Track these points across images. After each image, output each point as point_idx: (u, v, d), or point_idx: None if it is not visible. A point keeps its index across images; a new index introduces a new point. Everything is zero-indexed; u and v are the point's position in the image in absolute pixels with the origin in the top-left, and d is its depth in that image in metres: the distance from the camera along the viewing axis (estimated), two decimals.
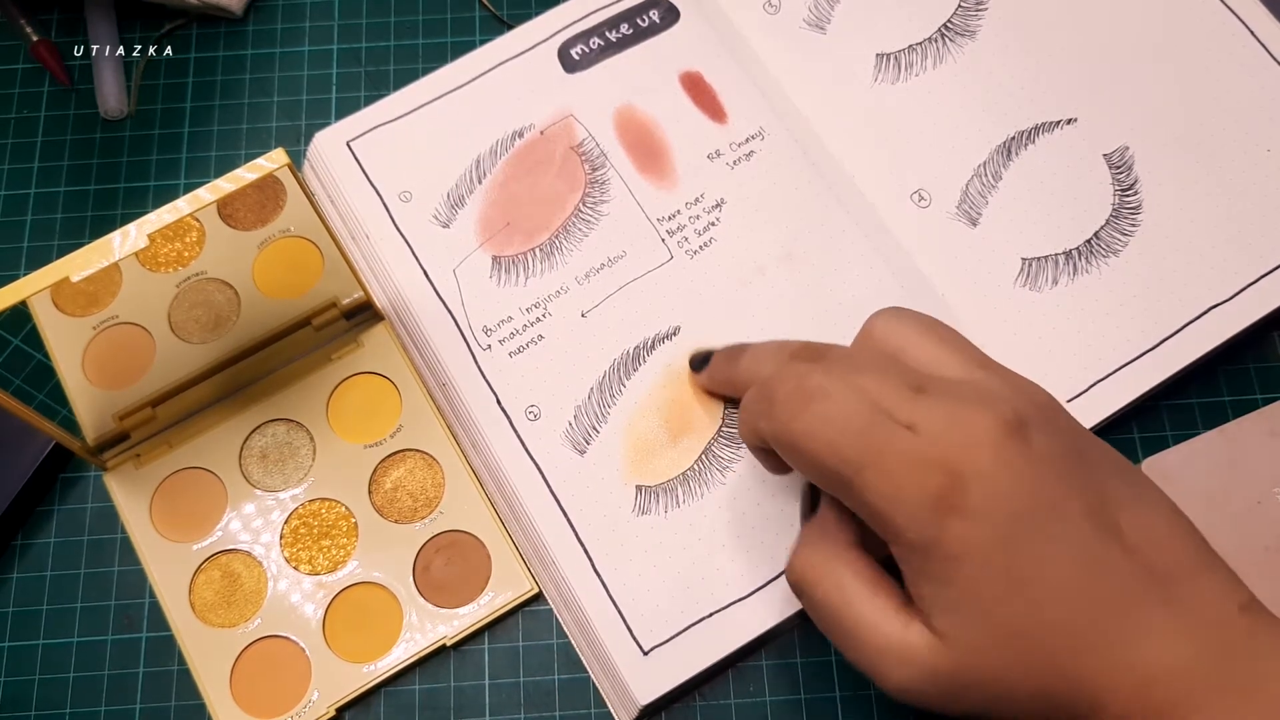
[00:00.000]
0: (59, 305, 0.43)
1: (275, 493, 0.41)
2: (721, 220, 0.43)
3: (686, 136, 0.44)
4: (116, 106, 0.47)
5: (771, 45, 0.45)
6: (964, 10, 0.46)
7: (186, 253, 0.44)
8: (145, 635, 0.40)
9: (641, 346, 0.41)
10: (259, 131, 0.47)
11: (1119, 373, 0.41)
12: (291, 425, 0.42)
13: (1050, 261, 0.42)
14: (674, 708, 0.39)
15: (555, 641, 0.40)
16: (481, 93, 0.45)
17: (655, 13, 0.46)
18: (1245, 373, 0.43)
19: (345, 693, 0.39)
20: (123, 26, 0.48)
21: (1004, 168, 0.43)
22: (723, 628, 0.38)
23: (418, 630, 0.39)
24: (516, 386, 0.41)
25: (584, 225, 0.43)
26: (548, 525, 0.39)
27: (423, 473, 0.41)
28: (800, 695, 0.39)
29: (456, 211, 0.43)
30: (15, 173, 0.46)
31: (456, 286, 0.42)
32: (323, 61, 0.48)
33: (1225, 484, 0.39)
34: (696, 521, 0.39)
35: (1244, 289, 0.41)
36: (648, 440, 0.40)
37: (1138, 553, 0.29)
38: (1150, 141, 0.43)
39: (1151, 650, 0.28)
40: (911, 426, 0.29)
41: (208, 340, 0.42)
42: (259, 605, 0.40)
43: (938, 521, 0.28)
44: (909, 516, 0.28)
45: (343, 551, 0.40)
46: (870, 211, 0.43)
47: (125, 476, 0.41)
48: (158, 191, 0.46)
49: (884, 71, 0.45)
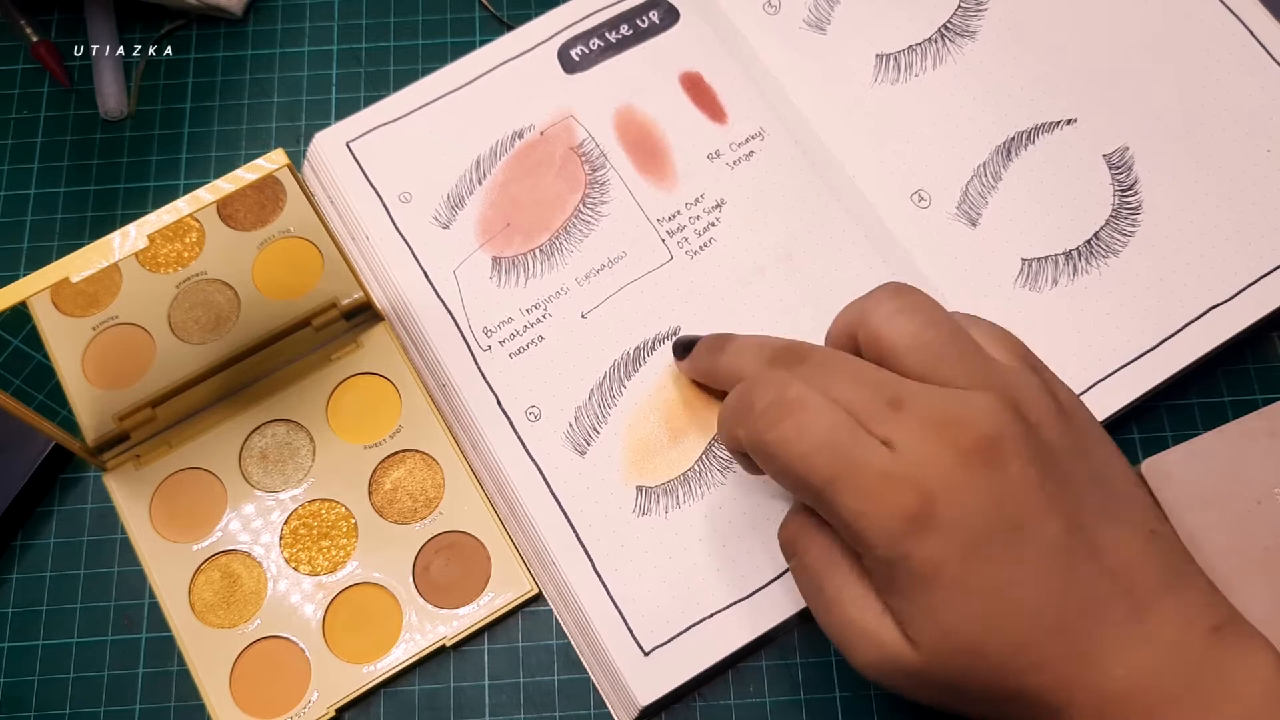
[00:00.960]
0: (59, 306, 0.43)
1: (275, 493, 0.41)
2: (721, 220, 0.43)
3: (686, 137, 0.44)
4: (116, 107, 0.47)
5: (771, 45, 0.45)
6: (964, 10, 0.46)
7: (186, 253, 0.44)
8: (145, 636, 0.40)
9: (642, 347, 0.41)
10: (259, 132, 0.47)
11: (1119, 373, 0.40)
12: (291, 426, 0.42)
13: (1050, 262, 0.42)
14: (674, 708, 0.39)
15: (555, 642, 0.40)
16: (481, 93, 0.45)
17: (655, 13, 0.46)
18: (1245, 373, 0.43)
19: (345, 693, 0.39)
20: (123, 27, 0.48)
21: (1004, 168, 0.43)
22: (723, 628, 0.38)
23: (417, 631, 0.39)
24: (517, 387, 0.41)
25: (584, 226, 0.43)
26: (548, 526, 0.39)
27: (422, 473, 0.41)
28: (800, 695, 0.39)
29: (456, 212, 0.43)
30: (15, 173, 0.46)
31: (457, 287, 0.42)
32: (322, 62, 0.48)
33: (1225, 484, 0.39)
34: (697, 522, 0.39)
35: (1244, 289, 0.41)
36: (648, 441, 0.40)
37: (1110, 573, 0.29)
38: (1150, 141, 0.43)
39: (1113, 670, 0.28)
40: (888, 442, 0.29)
41: (207, 341, 0.42)
42: (259, 606, 0.40)
43: (908, 540, 0.28)
44: (880, 533, 0.28)
45: (342, 552, 0.40)
46: (870, 211, 0.43)
47: (125, 477, 0.41)
48: (157, 192, 0.46)
49: (884, 72, 0.45)
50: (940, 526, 0.28)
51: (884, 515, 0.28)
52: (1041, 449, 0.29)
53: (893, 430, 0.29)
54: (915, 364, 0.31)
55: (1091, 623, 0.28)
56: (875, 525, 0.28)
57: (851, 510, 0.29)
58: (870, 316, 0.32)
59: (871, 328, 0.31)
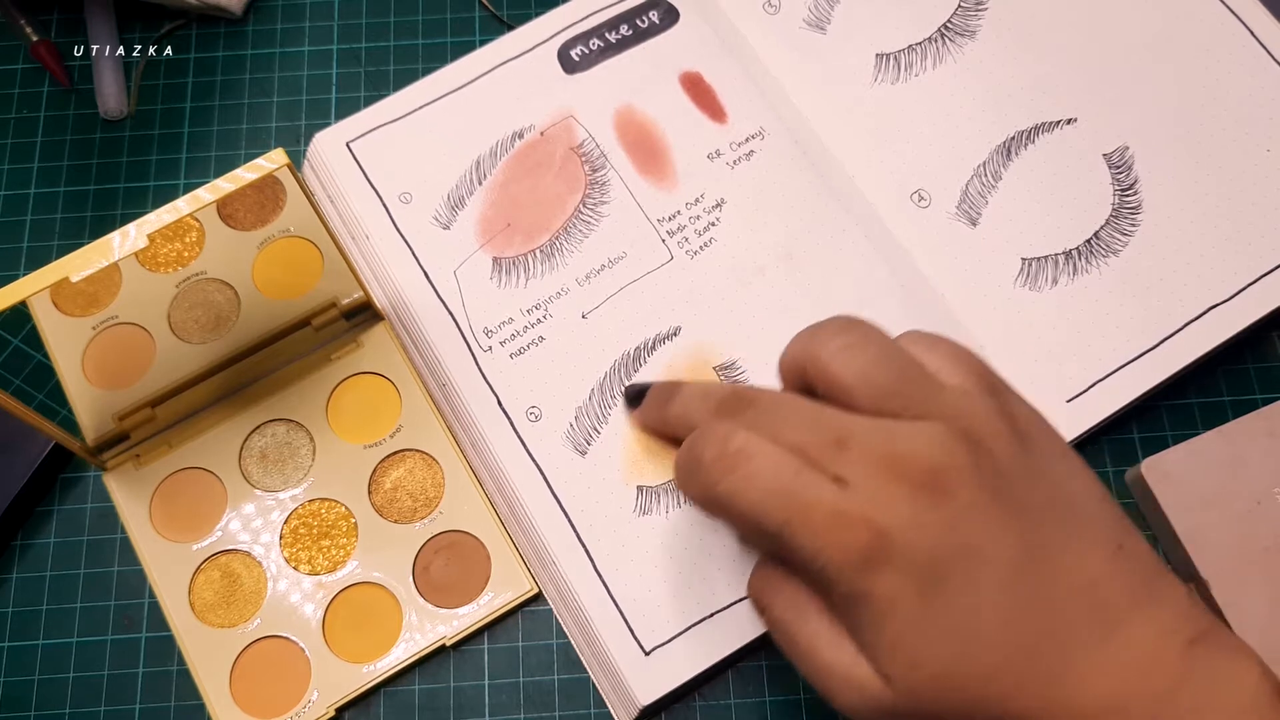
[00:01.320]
0: (59, 305, 0.43)
1: (275, 493, 0.41)
2: (722, 220, 0.43)
3: (686, 137, 0.44)
4: (116, 107, 0.47)
5: (771, 45, 0.45)
6: (964, 10, 0.46)
7: (186, 253, 0.44)
8: (145, 635, 0.40)
9: (642, 347, 0.41)
10: (259, 132, 0.47)
11: (1119, 373, 0.41)
12: (291, 425, 0.42)
13: (1050, 261, 0.42)
14: (674, 708, 0.39)
15: (555, 641, 0.40)
16: (481, 94, 0.45)
17: (655, 13, 0.46)
18: (1245, 373, 0.43)
19: (345, 693, 0.39)
20: (122, 27, 0.48)
21: (1004, 168, 0.43)
22: (724, 628, 0.38)
23: (417, 630, 0.39)
24: (517, 387, 0.41)
25: (584, 226, 0.43)
26: (549, 526, 0.39)
27: (422, 473, 0.41)
28: (800, 695, 0.39)
29: (457, 213, 0.43)
30: (15, 173, 0.46)
31: (457, 288, 0.42)
32: (322, 62, 0.48)
33: (1225, 484, 0.39)
34: (698, 522, 0.39)
35: (1244, 289, 0.41)
36: (649, 441, 0.40)
37: (1075, 592, 0.29)
38: (1150, 141, 0.43)
39: (1089, 689, 0.28)
40: (839, 480, 0.29)
41: (207, 340, 0.42)
42: (259, 605, 0.40)
43: (866, 575, 0.28)
44: (838, 571, 0.28)
45: (342, 552, 0.40)
46: (870, 211, 0.43)
47: (125, 477, 0.41)
48: (157, 192, 0.46)
49: (884, 71, 0.45)
50: (895, 560, 0.28)
51: (840, 553, 0.28)
52: (991, 474, 0.29)
53: (842, 468, 0.29)
54: (864, 399, 0.30)
55: (1060, 644, 0.28)
56: (833, 563, 0.28)
57: (808, 550, 0.29)
58: (819, 353, 0.31)
59: (820, 364, 0.31)
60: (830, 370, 0.31)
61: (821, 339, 0.32)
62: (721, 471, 0.30)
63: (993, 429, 0.30)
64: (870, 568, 0.28)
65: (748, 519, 0.30)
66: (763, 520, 0.29)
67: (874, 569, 0.28)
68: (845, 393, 0.31)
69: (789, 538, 0.29)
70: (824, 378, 0.31)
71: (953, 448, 0.29)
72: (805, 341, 0.32)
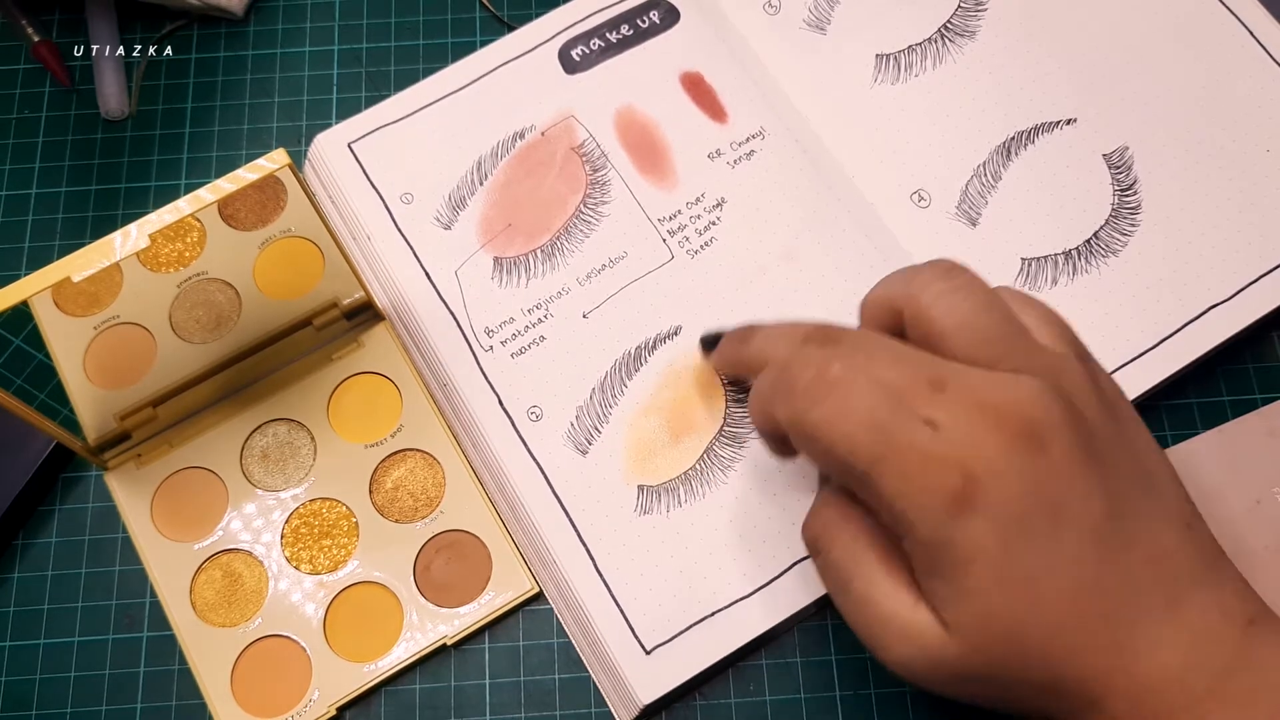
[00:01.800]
0: (60, 305, 0.43)
1: (276, 492, 0.41)
2: (722, 220, 0.43)
3: (687, 136, 0.44)
4: (117, 107, 0.47)
5: (771, 45, 0.45)
6: (964, 10, 0.46)
7: (187, 253, 0.44)
8: (146, 635, 0.40)
9: (643, 347, 0.41)
10: (260, 132, 0.47)
11: (1118, 373, 0.41)
12: (292, 425, 0.42)
13: (1050, 261, 0.42)
14: (674, 707, 0.39)
15: (555, 641, 0.40)
16: (482, 94, 0.45)
17: (655, 14, 0.46)
18: (1244, 373, 0.43)
19: (346, 692, 0.39)
20: (123, 27, 0.48)
21: (1004, 168, 0.43)
22: (724, 627, 0.38)
23: (418, 630, 0.39)
24: (518, 387, 0.41)
25: (585, 226, 0.43)
26: (550, 525, 0.39)
27: (423, 472, 0.41)
28: (800, 695, 0.39)
29: (458, 213, 0.43)
30: (16, 173, 0.46)
31: (458, 288, 0.42)
32: (324, 62, 0.48)
33: (1225, 484, 0.39)
34: (698, 521, 0.39)
35: (1244, 289, 0.41)
36: (649, 440, 0.40)
37: (1148, 562, 0.29)
38: (1150, 141, 0.43)
39: (1152, 659, 0.28)
40: (931, 423, 0.28)
41: (209, 340, 0.43)
42: (260, 605, 0.40)
43: (951, 522, 0.28)
44: (922, 515, 0.28)
45: (343, 551, 0.40)
46: (870, 211, 0.43)
47: (126, 476, 0.41)
48: (158, 192, 0.46)
49: (884, 72, 0.45)
50: (983, 508, 0.28)
51: (927, 496, 0.28)
52: (1085, 436, 0.29)
53: (936, 411, 0.28)
54: (962, 345, 0.30)
55: (1130, 611, 0.28)
56: (918, 507, 0.28)
57: (896, 491, 0.28)
58: (920, 294, 0.31)
59: (920, 306, 0.31)
60: (931, 313, 0.31)
61: (923, 280, 0.31)
62: (816, 398, 0.29)
63: (1085, 393, 0.30)
64: (958, 513, 0.28)
65: (836, 452, 0.29)
66: (852, 455, 0.29)
67: (961, 515, 0.28)
68: (940, 337, 0.30)
69: (877, 476, 0.28)
70: (923, 319, 0.31)
71: (1049, 404, 0.29)
72: (903, 282, 0.32)
